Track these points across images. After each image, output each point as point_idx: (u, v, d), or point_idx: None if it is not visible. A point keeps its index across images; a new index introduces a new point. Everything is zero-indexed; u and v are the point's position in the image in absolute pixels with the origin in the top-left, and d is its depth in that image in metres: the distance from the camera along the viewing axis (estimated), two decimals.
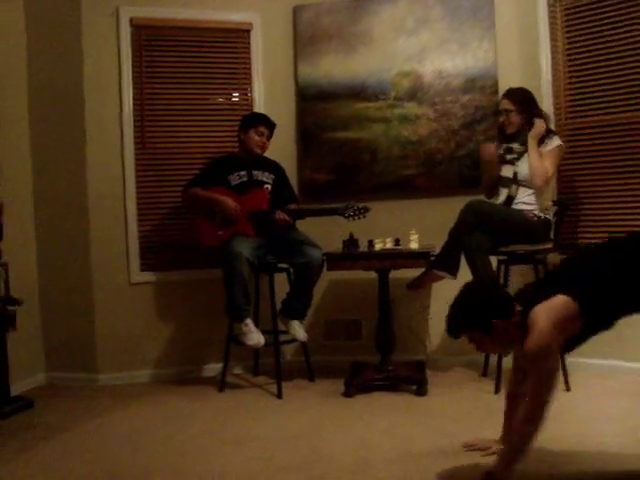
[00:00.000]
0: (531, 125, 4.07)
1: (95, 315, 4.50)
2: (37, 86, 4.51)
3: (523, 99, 4.12)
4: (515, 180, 4.08)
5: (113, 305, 4.52)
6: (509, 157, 4.14)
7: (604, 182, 4.23)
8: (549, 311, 2.40)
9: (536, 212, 4.01)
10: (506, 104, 4.14)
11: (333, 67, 4.71)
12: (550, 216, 4.12)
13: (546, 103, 4.40)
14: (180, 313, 4.63)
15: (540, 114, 4.13)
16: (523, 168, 4.06)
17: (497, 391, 3.84)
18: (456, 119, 4.54)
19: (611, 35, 4.17)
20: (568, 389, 3.82)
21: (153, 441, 3.29)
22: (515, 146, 4.13)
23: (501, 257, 4.05)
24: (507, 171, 4.13)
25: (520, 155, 4.09)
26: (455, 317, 2.62)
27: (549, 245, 4.00)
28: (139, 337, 4.58)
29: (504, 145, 4.19)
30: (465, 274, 3.86)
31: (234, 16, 4.72)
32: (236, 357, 4.47)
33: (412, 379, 4.04)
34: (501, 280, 3.97)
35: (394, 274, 4.14)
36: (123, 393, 4.25)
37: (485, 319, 2.51)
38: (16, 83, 4.44)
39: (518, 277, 4.16)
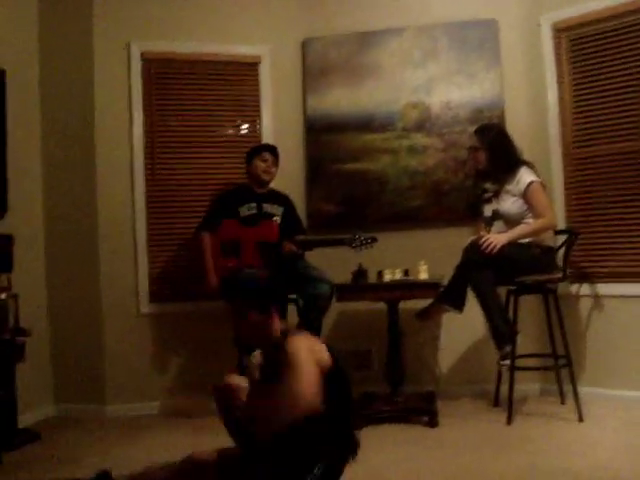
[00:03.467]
0: (501, 165, 4.05)
1: (104, 346, 4.50)
2: (50, 120, 4.56)
3: (492, 137, 4.11)
4: (497, 217, 4.09)
5: (122, 336, 4.52)
6: (486, 196, 4.17)
7: (611, 210, 4.24)
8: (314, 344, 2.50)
9: (536, 242, 4.00)
10: (473, 141, 4.17)
11: (341, 99, 4.75)
12: (552, 244, 4.13)
13: (553, 133, 4.44)
14: (189, 344, 4.63)
15: (511, 152, 4.10)
16: (502, 205, 4.07)
17: (509, 422, 3.81)
18: (464, 150, 4.54)
19: (615, 65, 4.21)
20: (581, 420, 3.79)
21: None
22: (488, 185, 4.14)
23: (511, 287, 4.04)
24: (487, 210, 4.15)
25: (495, 193, 4.10)
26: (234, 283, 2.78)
27: (558, 274, 4.00)
28: (148, 368, 4.58)
29: (479, 185, 4.23)
30: (473, 306, 3.89)
31: (243, 49, 4.78)
32: None
33: (423, 410, 4.01)
34: (510, 311, 3.97)
35: (404, 304, 4.14)
36: (131, 425, 4.24)
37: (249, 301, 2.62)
38: (29, 116, 4.50)
39: (528, 308, 4.17)
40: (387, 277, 4.07)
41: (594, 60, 4.30)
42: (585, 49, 4.34)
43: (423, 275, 4.07)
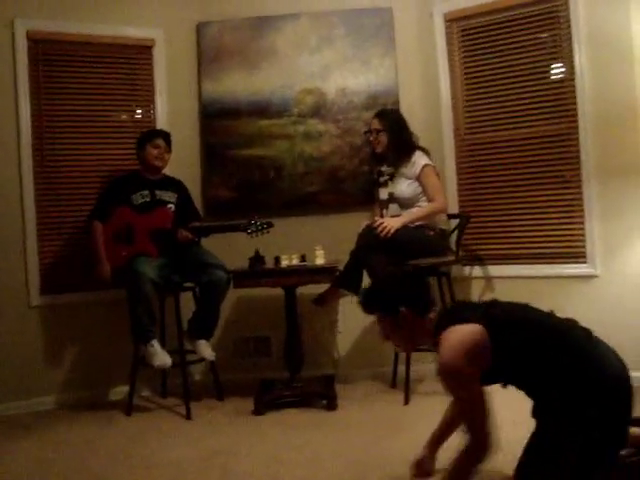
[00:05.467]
0: (400, 148, 4.18)
1: None
2: None
3: (392, 120, 4.25)
4: (392, 200, 4.21)
5: (11, 330, 4.31)
6: (382, 180, 4.27)
7: (501, 195, 4.41)
8: (464, 334, 2.32)
9: (430, 226, 4.12)
10: (375, 124, 4.26)
11: (237, 84, 4.71)
12: (445, 227, 4.26)
13: (445, 120, 4.56)
14: (84, 336, 4.48)
15: (408, 136, 4.24)
16: (397, 188, 4.19)
17: (406, 402, 3.90)
18: (359, 136, 4.60)
19: (502, 56, 4.37)
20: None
21: (58, 473, 3.16)
22: (384, 168, 4.26)
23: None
24: (383, 193, 4.26)
25: (391, 176, 4.22)
26: (371, 292, 2.66)
27: (451, 257, 4.12)
28: (40, 362, 4.39)
29: (376, 169, 4.33)
30: None
31: (136, 32, 4.65)
32: (143, 379, 4.37)
33: (322, 394, 4.06)
34: None
35: (302, 289, 4.16)
36: (24, 422, 4.06)
37: (395, 303, 2.50)
38: None
39: None
40: (284, 263, 4.08)
41: (483, 51, 4.44)
42: (475, 40, 4.47)
43: (320, 260, 4.09)
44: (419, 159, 4.14)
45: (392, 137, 4.20)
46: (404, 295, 2.55)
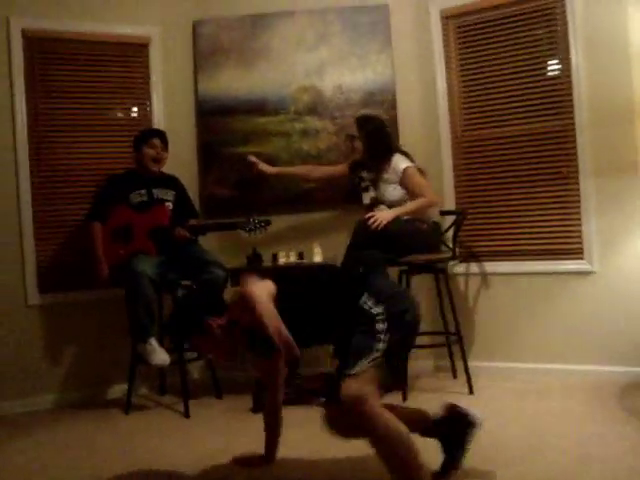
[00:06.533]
0: (376, 154, 4.14)
1: None
2: None
3: (370, 127, 4.17)
4: (375, 205, 4.16)
5: (9, 329, 4.31)
6: (363, 185, 4.25)
7: (497, 191, 4.40)
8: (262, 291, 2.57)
9: (422, 219, 4.08)
10: (353, 130, 4.23)
11: (233, 82, 4.71)
12: (438, 220, 4.25)
13: (442, 117, 4.55)
14: (82, 334, 4.48)
15: (386, 141, 4.17)
16: (384, 194, 4.13)
17: (405, 398, 3.91)
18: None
19: (497, 53, 4.37)
20: (471, 392, 3.94)
21: (56, 472, 3.16)
22: (364, 174, 4.24)
23: (402, 268, 4.13)
24: (365, 198, 4.24)
25: (372, 181, 4.19)
26: (173, 325, 2.80)
27: (447, 253, 4.12)
28: (39, 361, 4.39)
29: (356, 174, 4.30)
30: None
31: (132, 30, 4.64)
32: (141, 377, 4.38)
33: (322, 391, 4.05)
34: None
35: None
36: (23, 422, 4.06)
37: (198, 320, 2.57)
38: None
39: (421, 286, 4.27)
40: (282, 260, 4.09)
41: (480, 47, 4.44)
42: (471, 37, 4.47)
43: (317, 258, 4.10)
44: (398, 163, 4.08)
45: (368, 144, 4.14)
46: (201, 308, 2.63)
